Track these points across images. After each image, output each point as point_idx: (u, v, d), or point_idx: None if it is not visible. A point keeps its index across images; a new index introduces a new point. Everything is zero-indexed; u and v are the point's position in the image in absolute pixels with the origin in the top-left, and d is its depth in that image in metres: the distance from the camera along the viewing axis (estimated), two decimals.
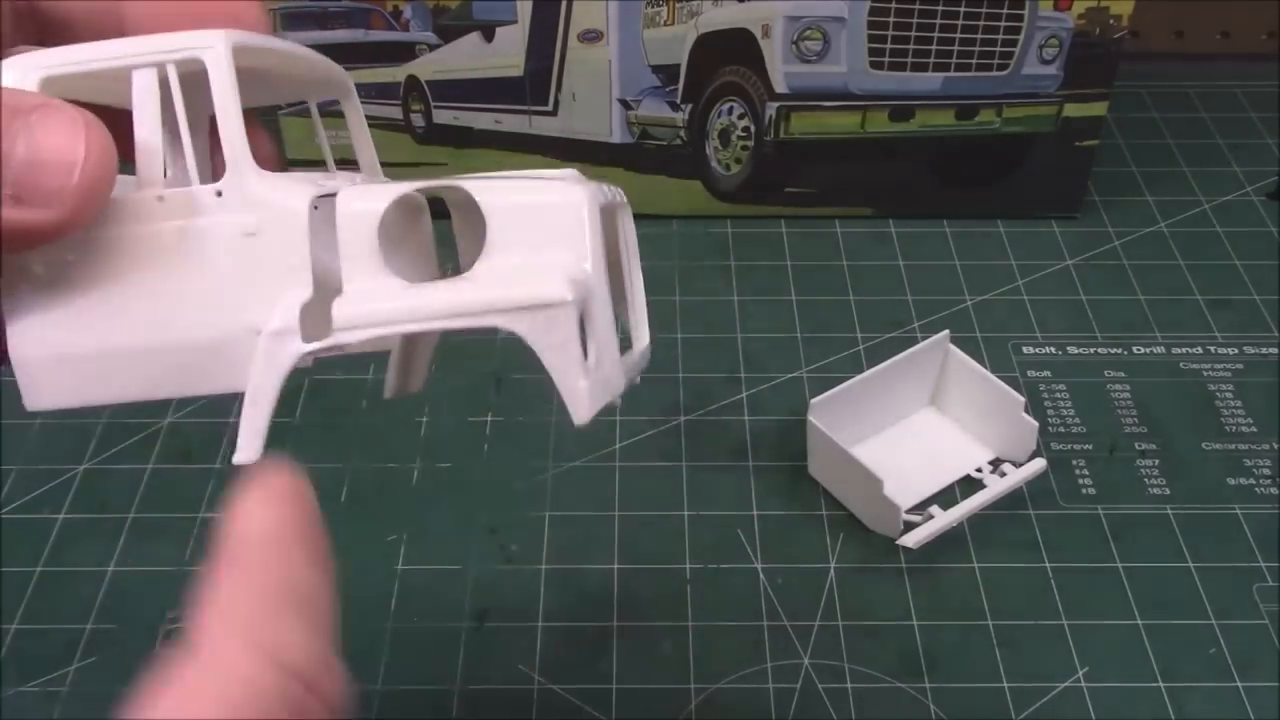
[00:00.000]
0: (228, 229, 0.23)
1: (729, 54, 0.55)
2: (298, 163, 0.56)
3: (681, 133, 0.57)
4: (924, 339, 0.47)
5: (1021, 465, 0.46)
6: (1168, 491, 0.47)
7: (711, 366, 0.52)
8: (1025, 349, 0.53)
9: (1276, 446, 0.48)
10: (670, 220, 0.60)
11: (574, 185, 0.24)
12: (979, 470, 0.46)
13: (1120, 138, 0.65)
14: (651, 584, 0.43)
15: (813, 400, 0.44)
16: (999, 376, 0.46)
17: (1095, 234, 0.59)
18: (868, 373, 0.46)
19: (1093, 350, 0.53)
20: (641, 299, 0.27)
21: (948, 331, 0.47)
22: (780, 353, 0.53)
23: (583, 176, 0.26)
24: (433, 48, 0.56)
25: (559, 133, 0.57)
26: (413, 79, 0.57)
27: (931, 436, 0.48)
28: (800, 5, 0.53)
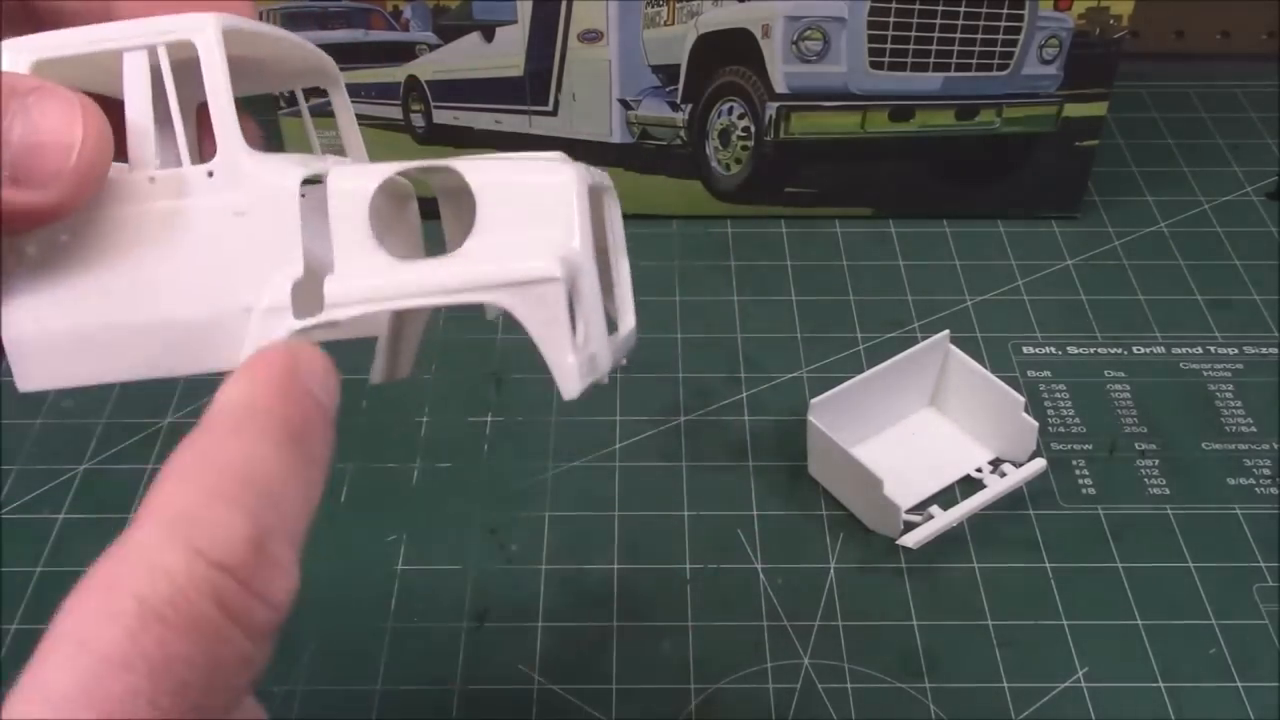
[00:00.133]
0: (219, 208, 0.23)
1: (729, 54, 0.55)
2: None
3: (681, 133, 0.57)
4: (924, 339, 0.47)
5: (1021, 465, 0.46)
6: (1168, 491, 0.47)
7: (711, 366, 0.52)
8: (1025, 349, 0.53)
9: (1276, 446, 0.48)
10: (670, 220, 0.60)
11: (562, 165, 0.24)
12: (979, 470, 0.46)
13: (1120, 138, 0.65)
14: (651, 584, 0.43)
15: (813, 400, 0.44)
16: (999, 376, 0.46)
17: (1095, 234, 0.59)
18: (868, 373, 0.46)
19: (1093, 350, 0.53)
20: (627, 283, 0.28)
21: (948, 331, 0.47)
22: (780, 353, 0.52)
23: (569, 158, 0.26)
24: (433, 48, 0.56)
25: (559, 133, 0.57)
26: (413, 79, 0.57)
27: (931, 436, 0.48)
28: (800, 5, 0.53)
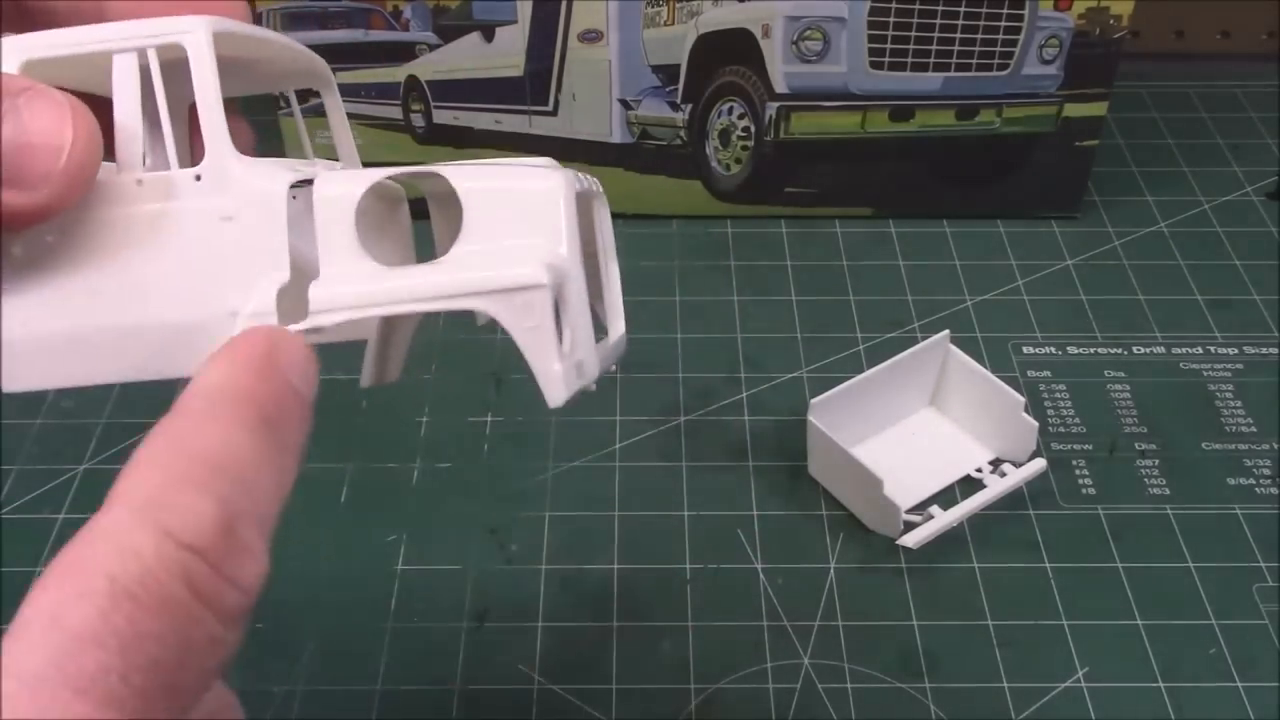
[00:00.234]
0: (206, 213, 0.23)
1: (729, 54, 0.55)
2: None
3: (681, 133, 0.57)
4: (924, 339, 0.47)
5: (1021, 465, 0.46)
6: (1168, 491, 0.47)
7: (711, 366, 0.52)
8: (1025, 349, 0.53)
9: (1276, 446, 0.48)
10: (670, 220, 0.60)
11: (550, 172, 0.24)
12: (979, 470, 0.46)
13: (1120, 138, 0.65)
14: (651, 584, 0.43)
15: (813, 400, 0.44)
16: (999, 376, 0.46)
17: (1095, 234, 0.59)
18: (868, 373, 0.46)
19: (1093, 350, 0.53)
20: (617, 289, 0.27)
21: (948, 331, 0.47)
22: (780, 353, 0.52)
23: (558, 165, 0.26)
24: (433, 48, 0.56)
25: (559, 133, 0.57)
26: (413, 79, 0.57)
27: (931, 436, 0.48)
28: (800, 5, 0.53)
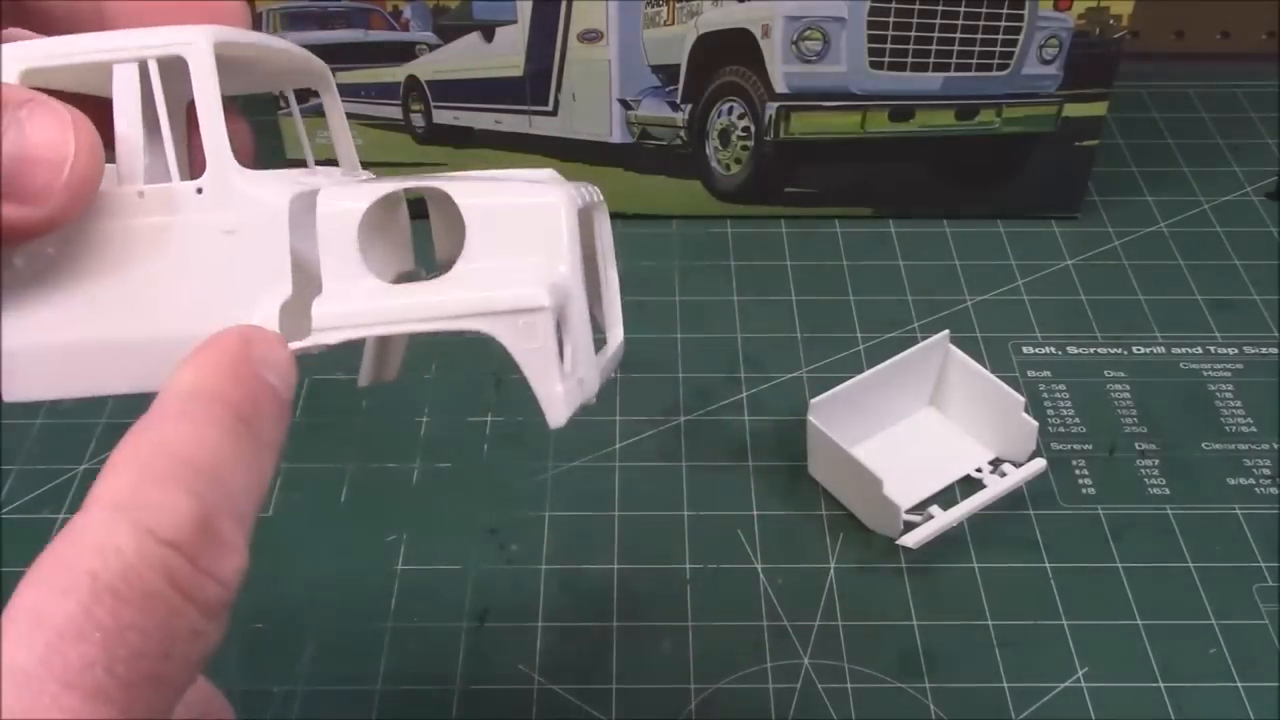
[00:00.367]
0: (207, 227, 0.23)
1: (729, 54, 0.55)
2: (295, 163, 0.56)
3: (681, 133, 0.57)
4: (924, 339, 0.47)
5: (1021, 465, 0.46)
6: (1168, 491, 0.47)
7: (711, 366, 0.52)
8: (1025, 349, 0.53)
9: (1276, 446, 0.48)
10: (670, 220, 0.60)
11: (553, 188, 0.24)
12: (979, 470, 0.46)
13: (1120, 138, 0.65)
14: (651, 584, 0.43)
15: (813, 400, 0.44)
16: (999, 376, 0.46)
17: (1095, 234, 0.59)
18: (868, 373, 0.46)
19: (1093, 350, 0.53)
20: (616, 294, 0.27)
21: (948, 331, 0.47)
22: (780, 353, 0.52)
23: (560, 177, 0.26)
24: (433, 48, 0.56)
25: (559, 133, 0.57)
26: (413, 79, 0.57)
27: (931, 436, 0.48)
28: (800, 5, 0.53)
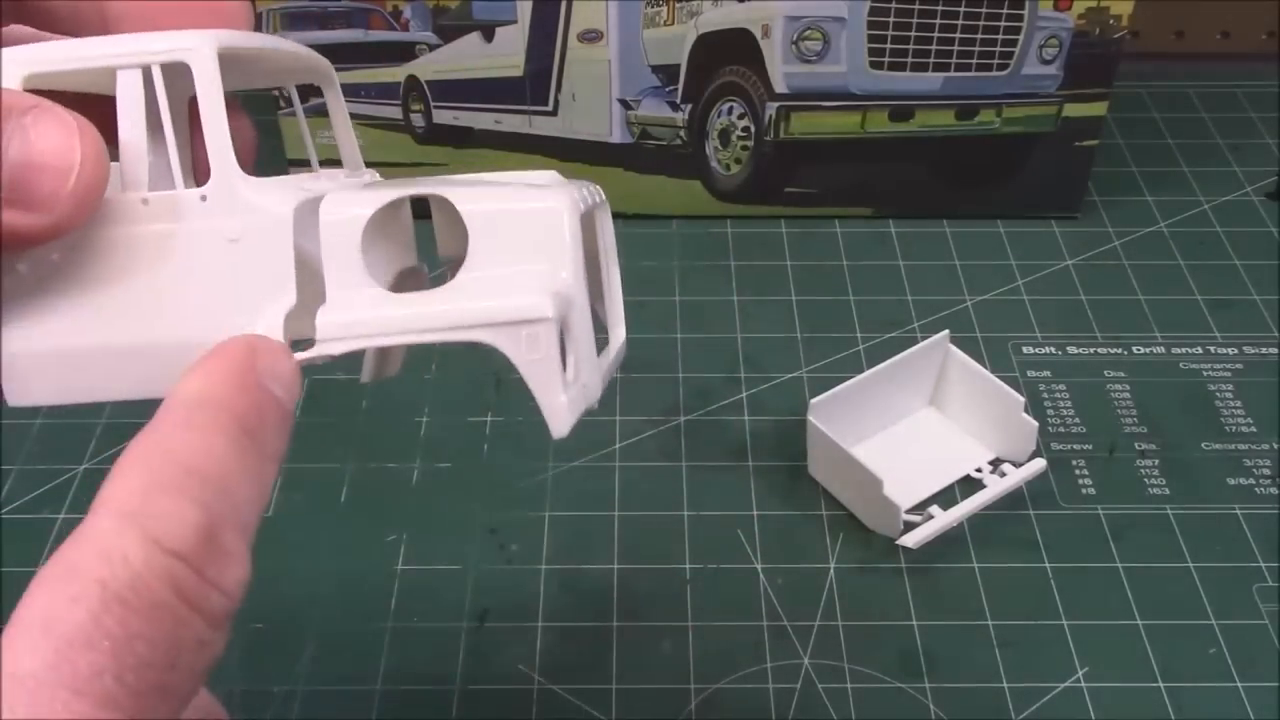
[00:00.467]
0: (211, 234, 0.23)
1: (729, 54, 0.55)
2: (296, 162, 0.56)
3: (681, 133, 0.57)
4: (924, 339, 0.47)
5: (1021, 465, 0.46)
6: (1168, 491, 0.47)
7: (711, 366, 0.52)
8: (1025, 349, 0.53)
9: (1276, 446, 0.48)
10: (670, 220, 0.60)
11: (555, 192, 0.24)
12: (979, 470, 0.46)
13: (1120, 138, 0.65)
14: (651, 584, 0.43)
15: (813, 400, 0.44)
16: (999, 376, 0.46)
17: (1095, 234, 0.59)
18: (868, 373, 0.46)
19: (1093, 350, 0.53)
20: (619, 295, 0.27)
21: (948, 331, 0.47)
22: (780, 353, 0.52)
23: (563, 179, 0.26)
24: (433, 48, 0.56)
25: (559, 133, 0.57)
26: (413, 79, 0.57)
27: (931, 436, 0.48)
28: (800, 5, 0.53)
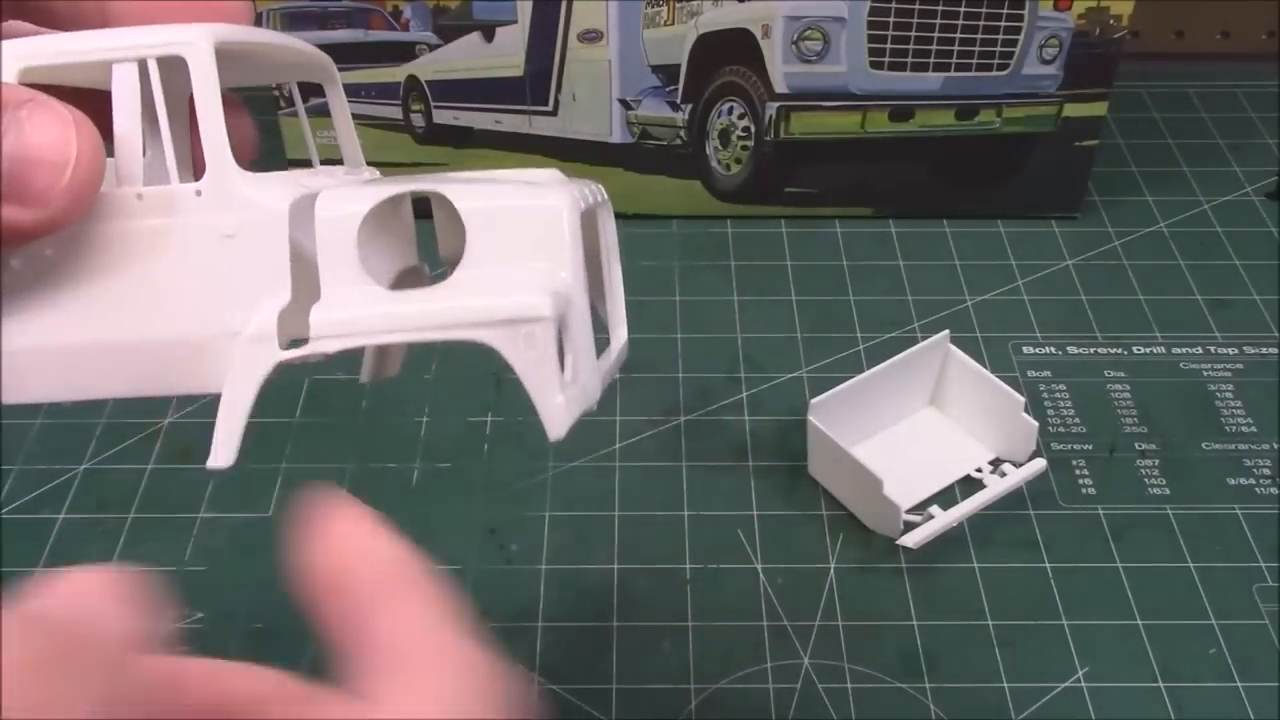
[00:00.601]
0: (206, 230, 0.23)
1: (729, 54, 0.55)
2: (296, 162, 0.56)
3: (681, 133, 0.57)
4: (924, 339, 0.47)
5: (1021, 465, 0.46)
6: (1168, 491, 0.47)
7: (711, 366, 0.52)
8: (1025, 349, 0.53)
9: (1276, 446, 0.48)
10: (670, 220, 0.60)
11: (555, 190, 0.23)
12: (979, 470, 0.46)
13: (1120, 138, 0.65)
14: (651, 584, 0.43)
15: (813, 400, 0.44)
16: (999, 376, 0.46)
17: (1095, 234, 0.59)
18: (868, 373, 0.46)
19: (1093, 350, 0.53)
20: (620, 295, 0.27)
21: (948, 331, 0.47)
22: (780, 353, 0.52)
23: (563, 177, 0.26)
24: (433, 48, 0.56)
25: (559, 133, 0.57)
26: (413, 79, 0.57)
27: (931, 436, 0.48)
28: (800, 5, 0.53)
